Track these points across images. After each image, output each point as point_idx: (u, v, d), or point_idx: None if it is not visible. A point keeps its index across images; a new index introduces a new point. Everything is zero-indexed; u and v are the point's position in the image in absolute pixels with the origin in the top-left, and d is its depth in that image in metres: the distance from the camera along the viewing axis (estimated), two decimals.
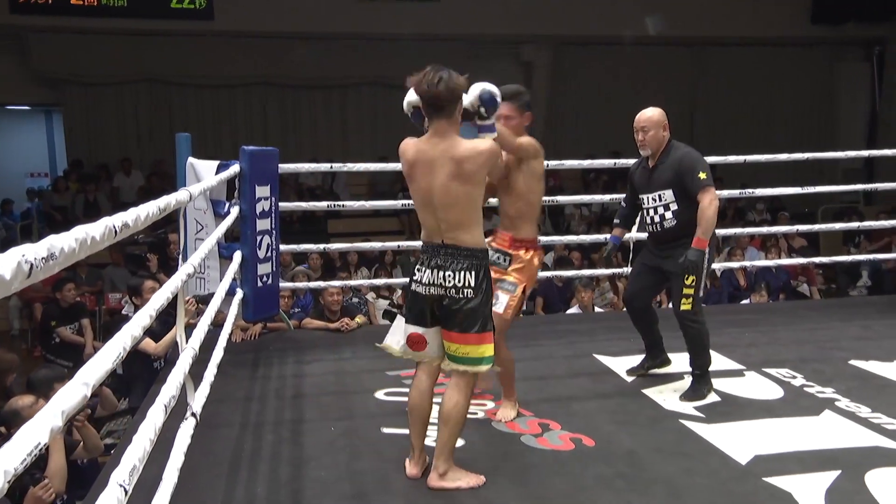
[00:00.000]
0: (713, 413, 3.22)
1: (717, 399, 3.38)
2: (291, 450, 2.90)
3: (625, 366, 3.83)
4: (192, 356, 2.34)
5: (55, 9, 10.29)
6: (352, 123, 12.21)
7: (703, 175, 3.28)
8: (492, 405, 3.30)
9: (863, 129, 12.28)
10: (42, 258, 1.07)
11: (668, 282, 3.49)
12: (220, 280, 3.74)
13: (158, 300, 1.99)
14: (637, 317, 3.67)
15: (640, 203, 3.58)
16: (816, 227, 6.54)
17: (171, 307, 2.35)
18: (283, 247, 4.72)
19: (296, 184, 10.41)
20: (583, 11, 11.31)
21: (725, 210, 10.01)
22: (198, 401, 2.50)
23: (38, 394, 3.11)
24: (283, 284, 4.71)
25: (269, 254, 4.23)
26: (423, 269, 2.51)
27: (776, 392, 3.47)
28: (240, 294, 4.04)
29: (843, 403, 3.27)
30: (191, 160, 4.03)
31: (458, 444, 2.69)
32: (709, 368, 3.43)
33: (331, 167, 5.33)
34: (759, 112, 12.19)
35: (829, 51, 12.41)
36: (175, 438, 2.19)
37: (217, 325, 3.44)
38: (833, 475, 2.57)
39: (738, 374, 3.72)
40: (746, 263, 6.46)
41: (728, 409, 3.25)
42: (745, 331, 4.50)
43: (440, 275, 2.47)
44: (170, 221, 5.44)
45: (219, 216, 4.02)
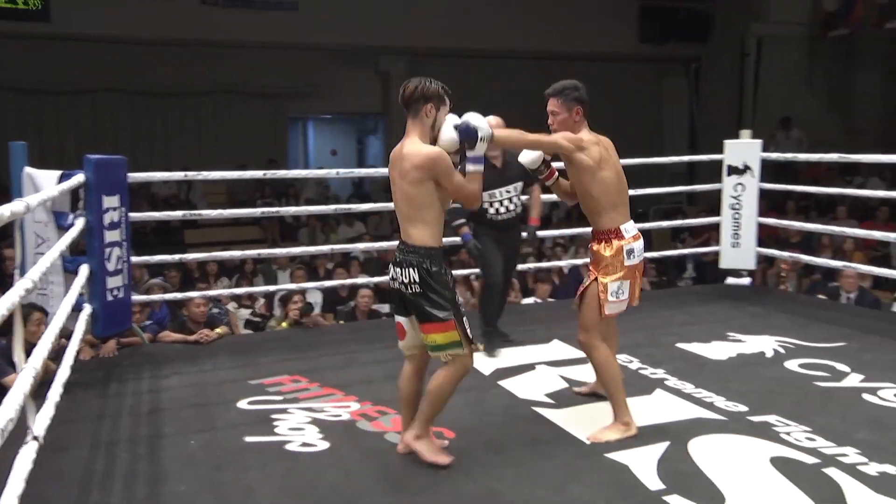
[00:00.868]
0: (562, 399, 3.40)
1: (566, 385, 3.57)
2: (148, 466, 2.75)
3: (483, 362, 3.93)
4: (34, 376, 2.16)
5: None
6: (208, 132, 11.76)
7: None
8: (357, 406, 3.31)
9: (685, 137, 13.41)
10: None
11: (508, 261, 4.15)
12: (65, 295, 3.48)
13: None
14: (502, 296, 4.16)
15: (483, 198, 3.71)
16: (647, 226, 7.05)
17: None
18: (136, 258, 4.46)
19: (149, 194, 9.86)
20: (436, 25, 11.54)
21: (572, 211, 10.59)
22: (40, 423, 2.32)
23: None
24: (137, 297, 4.45)
25: (120, 266, 3.98)
26: (392, 265, 2.67)
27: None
28: (88, 309, 3.78)
29: (672, 382, 3.57)
30: (27, 170, 3.72)
31: (325, 447, 2.75)
32: None
33: (185, 176, 5.09)
34: (600, 121, 12.80)
35: (656, 67, 13.46)
36: (13, 465, 2.02)
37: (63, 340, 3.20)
38: (663, 446, 2.81)
39: (584, 362, 3.90)
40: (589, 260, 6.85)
41: (575, 395, 3.44)
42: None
43: (395, 270, 2.63)
44: (5, 237, 4.99)
45: (62, 228, 3.74)
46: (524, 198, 4.24)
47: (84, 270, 3.73)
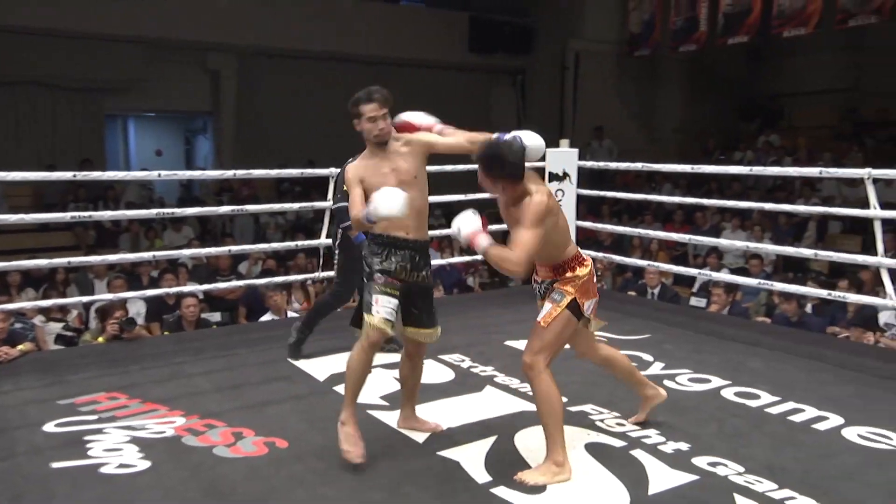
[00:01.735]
0: (396, 401, 3.42)
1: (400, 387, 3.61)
2: None
3: (318, 367, 3.89)
4: None
5: None
6: (9, 128, 10.58)
7: None
8: (182, 421, 3.13)
9: None
10: None
11: None
12: None
13: None
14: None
15: None
16: (490, 228, 7.31)
17: None
18: None
19: None
20: (266, 24, 11.22)
21: None
22: None
23: None
24: None
25: None
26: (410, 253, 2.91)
27: (449, 375, 3.82)
28: None
29: (500, 379, 3.74)
30: None
31: (145, 466, 2.62)
32: None
33: None
34: None
35: (485, 76, 14.02)
36: None
37: None
38: (491, 440, 2.93)
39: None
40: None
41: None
42: None
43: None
44: None
45: None
46: None
47: None
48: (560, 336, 2.72)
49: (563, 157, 5.84)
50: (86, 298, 4.97)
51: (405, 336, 2.99)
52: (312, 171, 5.71)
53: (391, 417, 3.20)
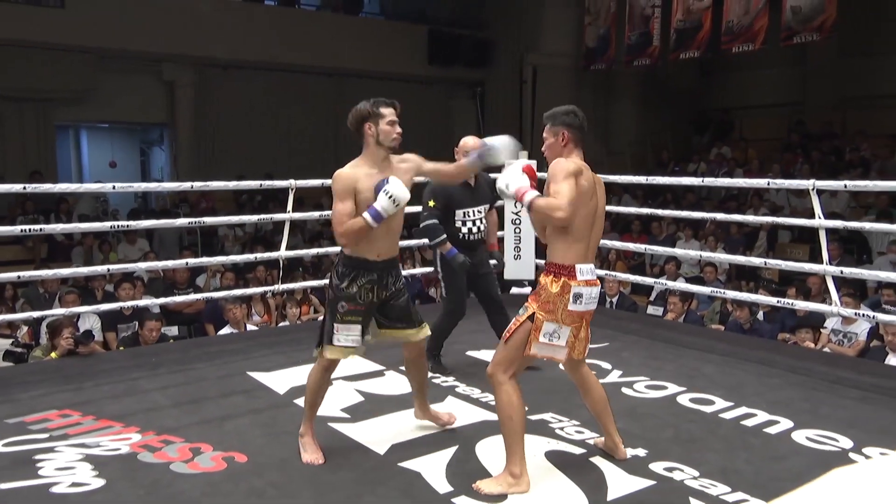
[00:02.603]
0: (358, 412, 3.43)
1: (362, 399, 3.61)
2: None
3: (278, 380, 3.86)
4: None
5: None
6: None
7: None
8: (138, 437, 3.07)
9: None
10: None
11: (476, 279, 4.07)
12: None
13: None
14: (500, 313, 4.11)
15: (457, 217, 3.98)
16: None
17: None
18: None
19: None
20: (223, 35, 11.12)
21: None
22: None
23: None
24: None
25: None
26: (389, 270, 2.94)
27: (408, 387, 3.81)
28: None
29: (462, 389, 3.76)
30: None
31: (99, 484, 2.56)
32: None
33: None
34: None
35: (445, 89, 14.11)
36: None
37: None
38: (452, 450, 2.95)
39: (380, 375, 4.01)
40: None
41: (371, 407, 3.49)
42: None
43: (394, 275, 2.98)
44: None
45: None
46: None
47: None
48: (519, 349, 2.64)
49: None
50: (37, 313, 4.82)
51: (396, 340, 3.04)
52: (271, 183, 5.67)
53: (352, 429, 3.20)
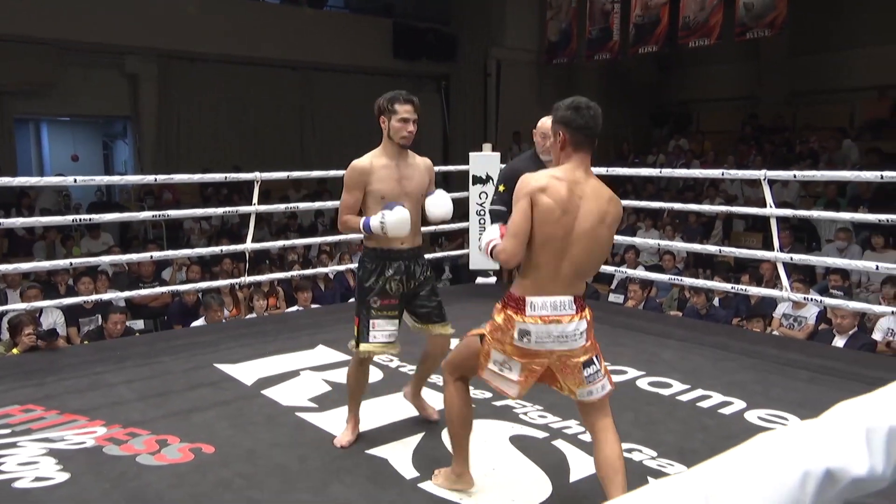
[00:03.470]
0: (326, 402, 3.42)
1: (330, 389, 3.59)
2: None
3: (246, 372, 3.82)
4: None
5: None
6: None
7: None
8: (104, 430, 3.01)
9: (440, 149, 14.18)
10: None
11: None
12: None
13: None
14: None
15: None
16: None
17: None
18: None
19: None
20: (186, 27, 10.90)
21: (336, 220, 10.63)
22: None
23: None
24: None
25: None
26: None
27: (378, 375, 3.81)
28: None
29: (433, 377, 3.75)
30: None
31: (63, 478, 2.51)
32: None
33: None
34: (362, 129, 13.26)
35: (411, 82, 14.01)
36: None
37: None
38: (419, 437, 2.96)
39: (347, 365, 3.98)
40: (354, 266, 6.97)
41: (337, 397, 3.46)
42: (353, 325, 4.84)
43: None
44: None
45: None
46: None
47: None
48: (466, 360, 2.38)
49: (486, 161, 5.93)
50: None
51: (425, 334, 3.02)
52: (237, 176, 5.60)
53: (319, 418, 3.19)
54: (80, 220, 5.07)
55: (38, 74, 10.35)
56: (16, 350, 4.42)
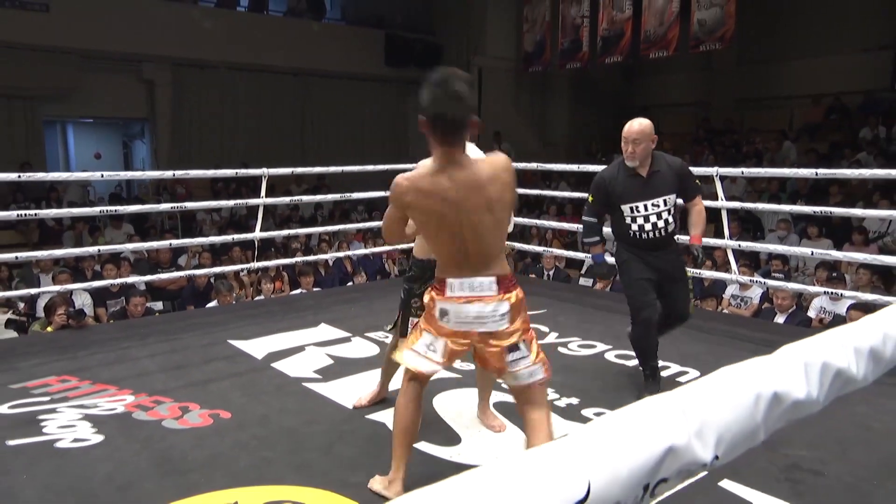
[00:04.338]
0: (329, 373, 3.44)
1: (332, 362, 3.62)
2: None
3: (256, 347, 3.84)
4: None
5: None
6: None
7: (697, 180, 3.19)
8: (132, 398, 3.03)
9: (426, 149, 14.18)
10: None
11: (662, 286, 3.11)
12: None
13: None
14: (657, 330, 3.14)
15: (625, 212, 3.08)
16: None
17: None
18: None
19: None
20: (197, 38, 10.79)
21: (334, 211, 10.61)
22: None
23: None
24: None
25: None
26: None
27: (374, 350, 3.84)
28: None
29: None
30: None
31: (99, 440, 2.52)
32: None
33: None
34: (356, 131, 13.21)
35: (401, 87, 13.98)
36: None
37: None
38: None
39: (347, 341, 4.02)
40: (351, 253, 6.97)
41: (339, 369, 3.49)
42: (352, 306, 4.87)
43: None
44: None
45: None
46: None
47: None
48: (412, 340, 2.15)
49: None
50: (34, 290, 4.67)
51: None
52: (246, 171, 5.56)
53: (324, 388, 3.21)
54: (107, 211, 5.04)
55: (64, 80, 10.22)
56: (49, 328, 4.41)
